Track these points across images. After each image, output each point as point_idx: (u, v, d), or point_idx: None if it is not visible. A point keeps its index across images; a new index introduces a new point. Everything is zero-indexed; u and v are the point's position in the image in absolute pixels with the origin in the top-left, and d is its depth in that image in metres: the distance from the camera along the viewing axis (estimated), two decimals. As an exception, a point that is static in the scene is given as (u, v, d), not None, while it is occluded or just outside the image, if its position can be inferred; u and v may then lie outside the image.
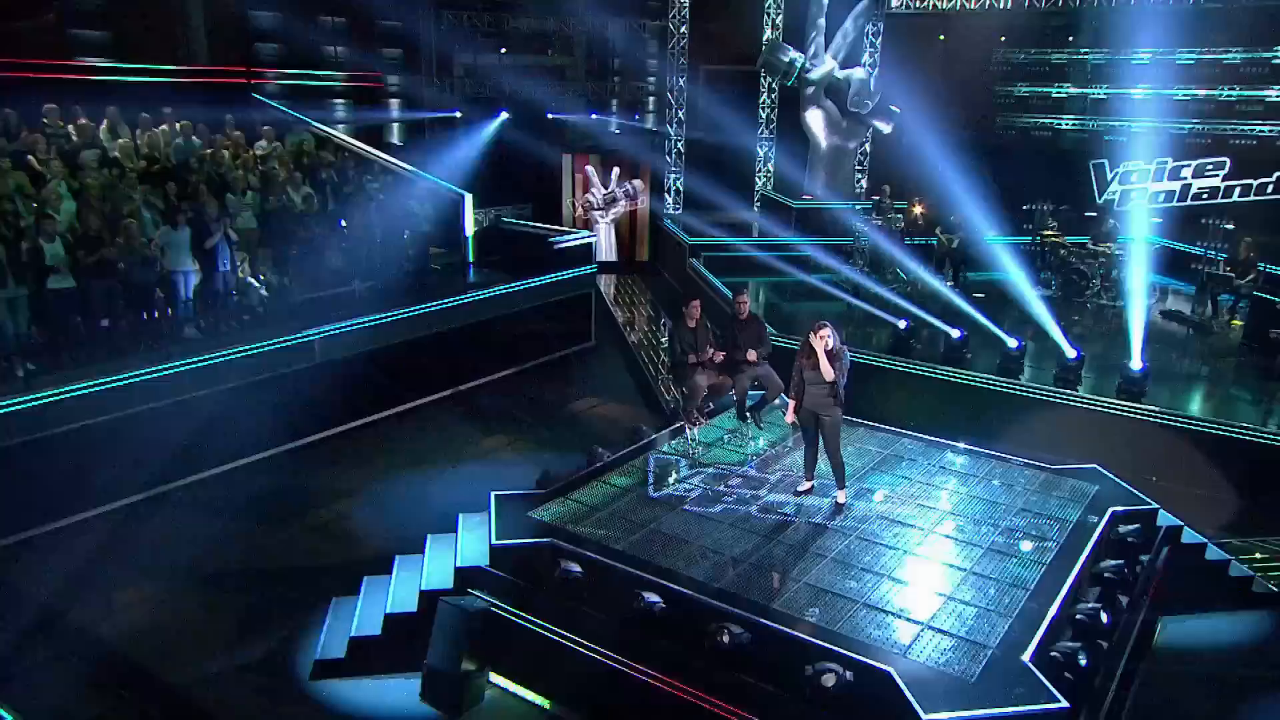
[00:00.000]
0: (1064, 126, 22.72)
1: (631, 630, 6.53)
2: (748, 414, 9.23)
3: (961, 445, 9.37)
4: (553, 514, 7.71)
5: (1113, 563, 7.44)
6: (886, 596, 6.65)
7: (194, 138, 13.74)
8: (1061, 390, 11.37)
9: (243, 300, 11.71)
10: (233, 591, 8.39)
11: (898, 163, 21.65)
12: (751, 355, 8.79)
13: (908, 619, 6.37)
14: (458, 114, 21.18)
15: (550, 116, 22.35)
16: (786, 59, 19.17)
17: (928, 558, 7.23)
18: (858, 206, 18.38)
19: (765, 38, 20.25)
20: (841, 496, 8.04)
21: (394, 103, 21.58)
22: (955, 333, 12.51)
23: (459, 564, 7.36)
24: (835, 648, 5.94)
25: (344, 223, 12.95)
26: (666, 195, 21.52)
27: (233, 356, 10.48)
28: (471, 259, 15.23)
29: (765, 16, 20.39)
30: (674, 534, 7.45)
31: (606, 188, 20.74)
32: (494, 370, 13.94)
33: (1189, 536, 8.24)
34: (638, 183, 20.90)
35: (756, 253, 18.10)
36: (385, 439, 11.88)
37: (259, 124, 14.78)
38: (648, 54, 25.20)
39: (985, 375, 11.79)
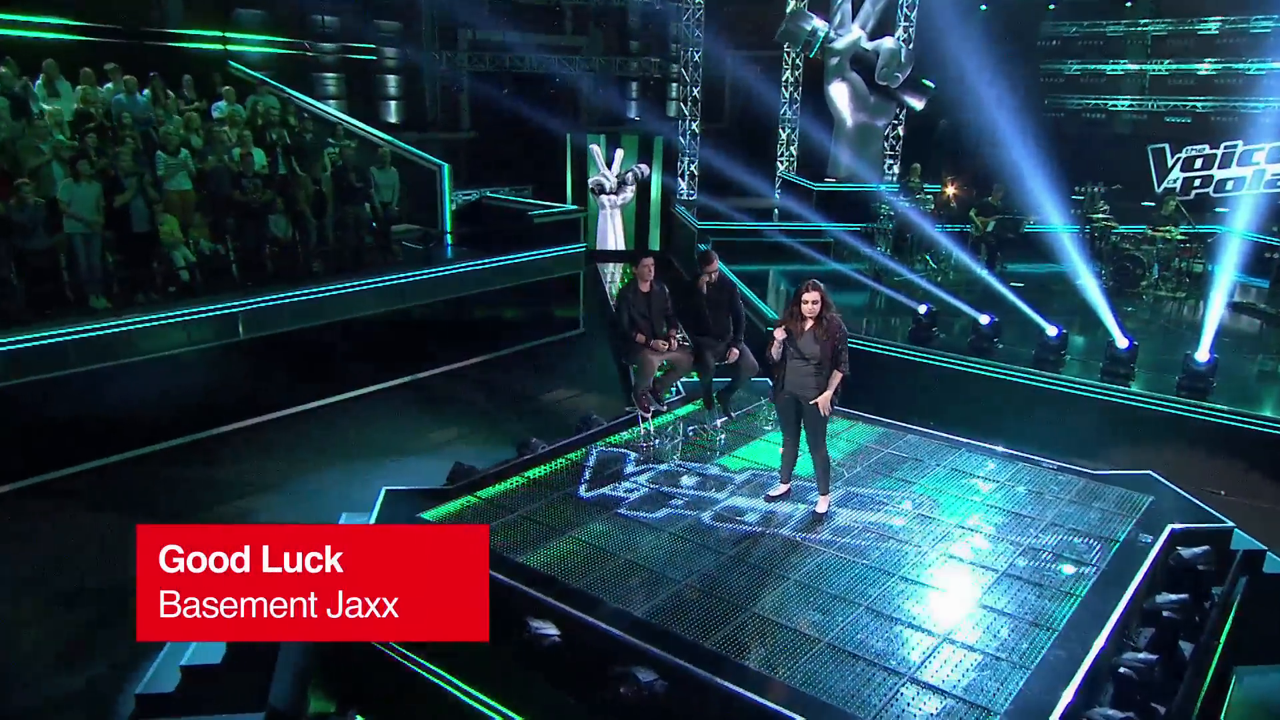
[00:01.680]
0: (1120, 107, 20.65)
1: (516, 670, 4.93)
2: (715, 400, 7.58)
3: (979, 444, 7.62)
4: (447, 516, 6.14)
5: (1172, 597, 5.66)
6: (859, 635, 4.96)
7: (140, 94, 12.46)
8: (1108, 385, 9.51)
9: (167, 268, 10.34)
10: (78, 602, 6.94)
11: (934, 146, 19.94)
12: (733, 356, 7.19)
13: (885, 667, 4.69)
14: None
15: (553, 92, 20.90)
16: (808, 28, 17.45)
17: (923, 583, 5.53)
18: (882, 187, 16.58)
19: (789, 8, 18.55)
20: (822, 504, 6.37)
21: (391, 79, 20.27)
22: (984, 319, 10.71)
23: (324, 575, 5.81)
24: (778, 707, 4.31)
25: None
26: (680, 179, 19.93)
27: (136, 326, 9.10)
28: (450, 236, 13.77)
29: (791, -16, 18.72)
30: (596, 544, 5.85)
31: (612, 170, 19.20)
32: (461, 357, 12.42)
33: (1273, 565, 6.38)
34: (644, 167, 19.32)
35: (773, 237, 16.48)
36: (321, 428, 10.40)
37: (220, 85, 13.50)
38: (669, 35, 23.64)
39: (1016, 367, 9.96)
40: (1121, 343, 9.86)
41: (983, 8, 19.31)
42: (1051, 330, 10.33)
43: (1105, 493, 6.80)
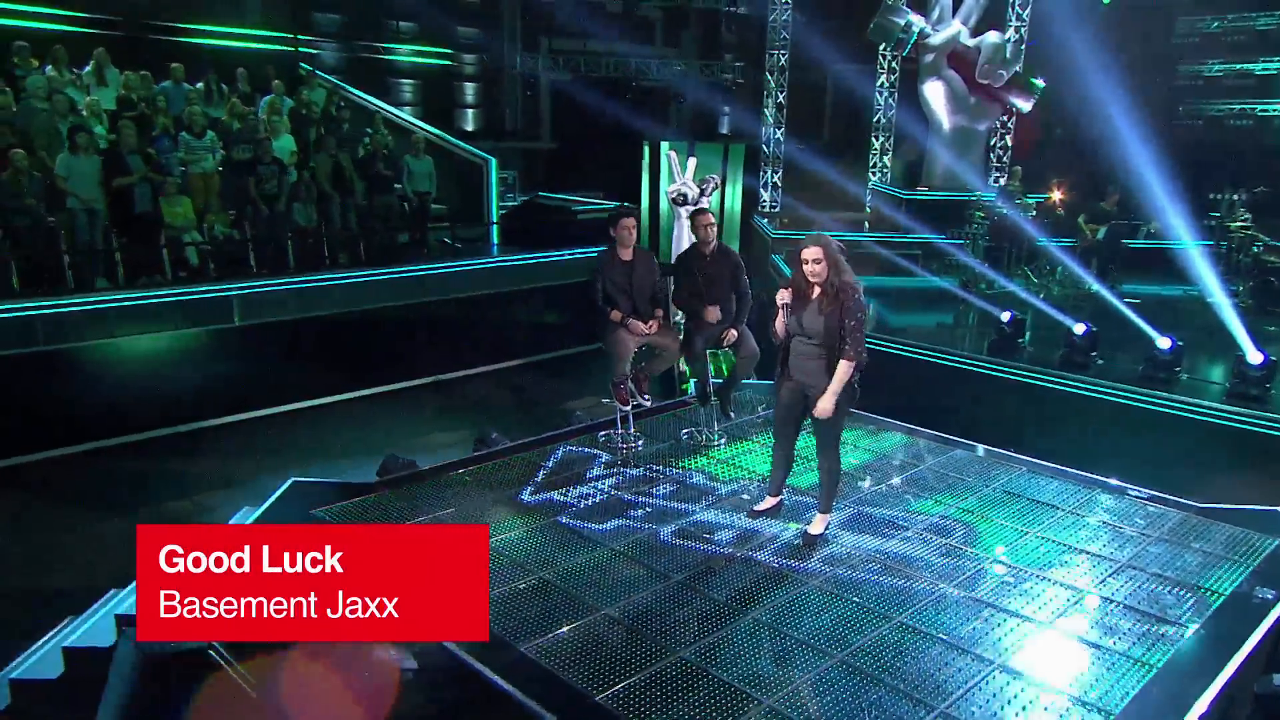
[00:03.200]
0: (1272, 112, 18.10)
1: (354, 710, 3.75)
2: (710, 394, 6.26)
3: (1044, 464, 6.02)
4: (346, 514, 5.05)
5: (1299, 677, 4.01)
6: (820, 699, 3.56)
7: (185, 83, 12.17)
8: (1234, 409, 7.66)
9: (176, 251, 9.79)
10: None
11: (1050, 155, 17.99)
12: (713, 314, 5.92)
13: (839, 749, 3.27)
14: None
15: (629, 96, 19.98)
16: (901, 23, 15.92)
17: (928, 632, 4.05)
18: (977, 194, 14.79)
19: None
20: (818, 524, 4.95)
21: (469, 87, 19.83)
22: (1078, 328, 8.98)
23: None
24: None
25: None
26: (762, 191, 18.63)
27: (114, 305, 8.49)
28: (495, 235, 12.93)
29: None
30: (510, 557, 4.62)
31: (683, 180, 18.05)
32: (488, 361, 11.43)
33: None
34: (716, 177, 18.08)
35: (858, 248, 15.02)
36: (315, 427, 9.53)
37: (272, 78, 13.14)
38: (764, 43, 22.51)
39: (1113, 384, 8.20)
40: (1255, 358, 7.99)
41: (1105, 1, 17.28)
42: (1164, 342, 8.53)
43: (1212, 531, 5.11)
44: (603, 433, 6.39)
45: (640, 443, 6.25)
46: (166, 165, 10.16)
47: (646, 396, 6.26)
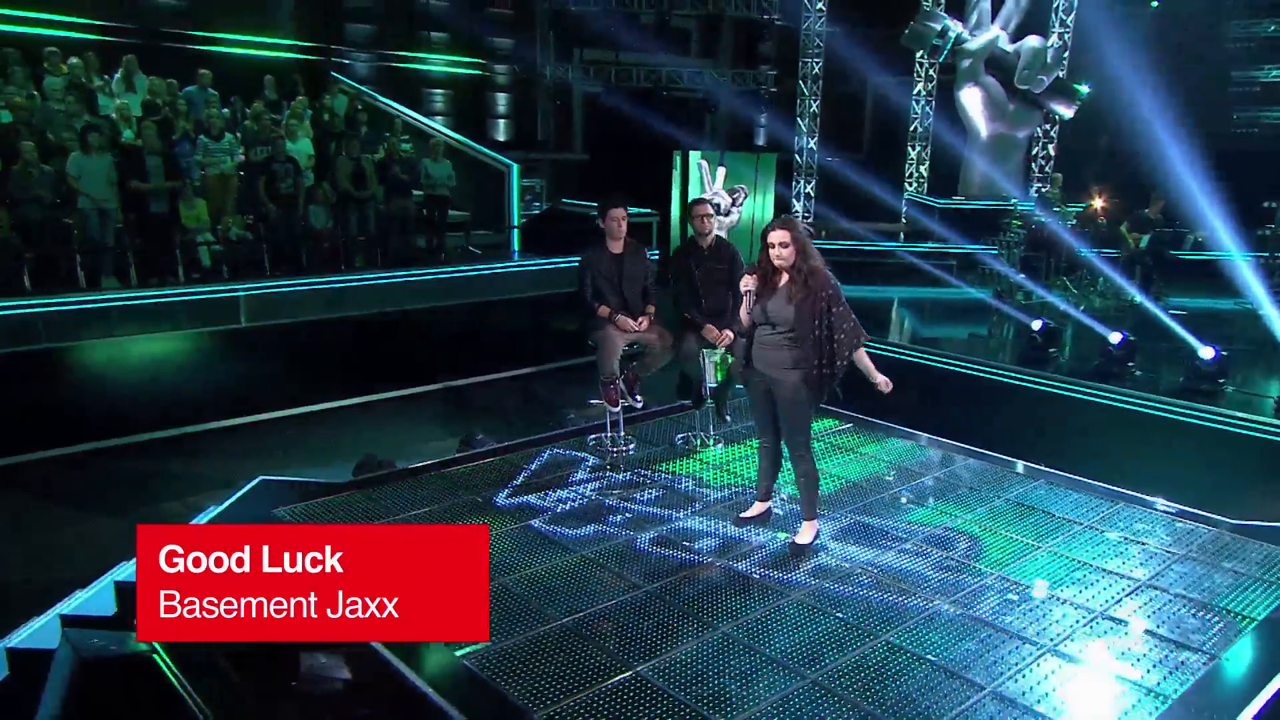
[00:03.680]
0: (1332, 120, 17.31)
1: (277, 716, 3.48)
2: (706, 396, 5.93)
3: (1065, 475, 5.58)
4: (310, 514, 4.81)
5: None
6: (781, 723, 3.20)
7: (210, 89, 12.22)
8: (1273, 421, 7.12)
9: (190, 252, 9.75)
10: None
11: (1094, 165, 17.39)
12: (712, 333, 5.62)
13: (796, 780, 2.91)
14: None
15: (661, 106, 19.74)
16: (937, 28, 15.54)
17: (917, 653, 3.67)
18: (1013, 202, 14.28)
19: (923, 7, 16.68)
20: (806, 532, 4.59)
21: (500, 97, 19.78)
22: (1114, 337, 8.50)
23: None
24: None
25: None
26: (794, 201, 18.25)
27: (115, 304, 8.41)
28: (516, 240, 12.77)
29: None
30: (470, 560, 4.31)
31: (715, 190, 17.77)
32: (501, 367, 11.17)
33: None
34: (744, 188, 17.78)
35: (891, 258, 14.67)
36: (321, 430, 9.35)
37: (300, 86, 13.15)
38: (804, 54, 22.16)
39: (1146, 395, 7.69)
40: (1304, 369, 7.46)
41: (1154, 4, 16.65)
42: (1206, 353, 8.01)
43: (1245, 550, 4.64)
44: (592, 436, 6.09)
45: (631, 446, 5.94)
46: (186, 168, 10.16)
47: (638, 398, 5.94)
